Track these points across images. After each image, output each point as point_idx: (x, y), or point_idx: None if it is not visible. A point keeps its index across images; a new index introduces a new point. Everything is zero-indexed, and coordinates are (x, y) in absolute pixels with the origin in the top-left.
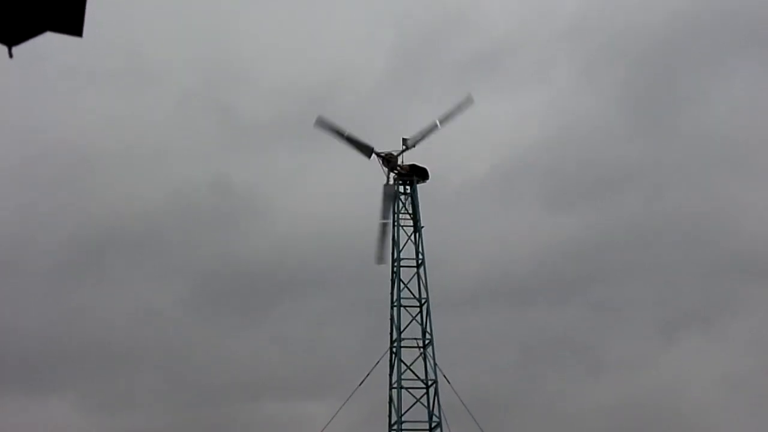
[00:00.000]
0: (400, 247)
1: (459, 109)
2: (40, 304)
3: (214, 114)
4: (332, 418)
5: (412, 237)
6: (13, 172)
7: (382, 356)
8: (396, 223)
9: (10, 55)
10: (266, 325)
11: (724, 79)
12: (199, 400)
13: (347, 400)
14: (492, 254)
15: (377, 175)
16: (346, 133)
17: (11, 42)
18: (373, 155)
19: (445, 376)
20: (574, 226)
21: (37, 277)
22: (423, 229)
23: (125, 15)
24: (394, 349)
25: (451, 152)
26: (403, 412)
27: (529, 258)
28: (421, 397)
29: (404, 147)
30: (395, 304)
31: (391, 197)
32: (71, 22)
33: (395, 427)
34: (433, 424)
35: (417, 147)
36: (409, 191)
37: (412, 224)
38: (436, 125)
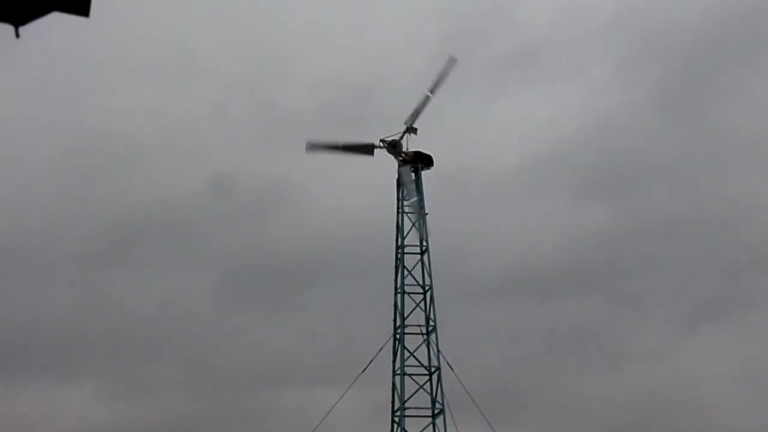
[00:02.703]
0: (404, 234)
1: (444, 73)
2: (68, 292)
3: (254, 107)
4: (333, 405)
5: (417, 224)
6: (53, 162)
7: (385, 343)
8: (400, 210)
9: (17, 35)
10: (291, 314)
11: (758, 76)
12: (222, 388)
13: (349, 387)
14: (518, 245)
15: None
16: (340, 145)
17: (18, 22)
18: (378, 149)
19: (448, 363)
20: (600, 220)
21: (67, 266)
22: (427, 216)
23: (168, 7)
24: (397, 336)
25: (482, 144)
26: (406, 398)
27: (554, 250)
28: (424, 383)
29: (406, 129)
30: (399, 291)
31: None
32: (78, 2)
33: (398, 413)
34: (436, 411)
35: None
36: (413, 178)
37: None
38: (428, 96)
